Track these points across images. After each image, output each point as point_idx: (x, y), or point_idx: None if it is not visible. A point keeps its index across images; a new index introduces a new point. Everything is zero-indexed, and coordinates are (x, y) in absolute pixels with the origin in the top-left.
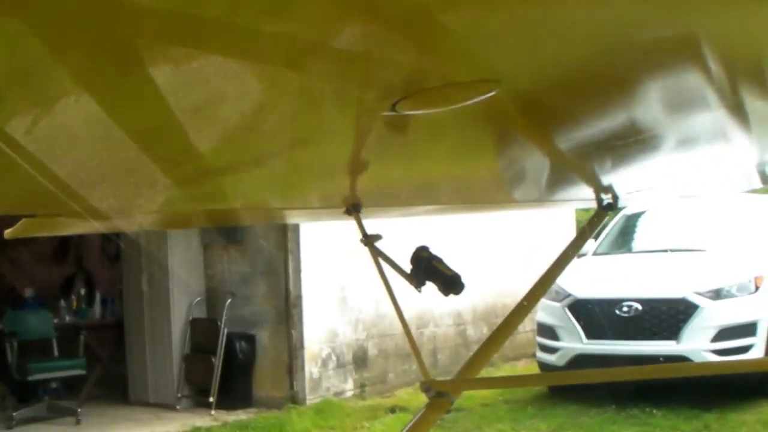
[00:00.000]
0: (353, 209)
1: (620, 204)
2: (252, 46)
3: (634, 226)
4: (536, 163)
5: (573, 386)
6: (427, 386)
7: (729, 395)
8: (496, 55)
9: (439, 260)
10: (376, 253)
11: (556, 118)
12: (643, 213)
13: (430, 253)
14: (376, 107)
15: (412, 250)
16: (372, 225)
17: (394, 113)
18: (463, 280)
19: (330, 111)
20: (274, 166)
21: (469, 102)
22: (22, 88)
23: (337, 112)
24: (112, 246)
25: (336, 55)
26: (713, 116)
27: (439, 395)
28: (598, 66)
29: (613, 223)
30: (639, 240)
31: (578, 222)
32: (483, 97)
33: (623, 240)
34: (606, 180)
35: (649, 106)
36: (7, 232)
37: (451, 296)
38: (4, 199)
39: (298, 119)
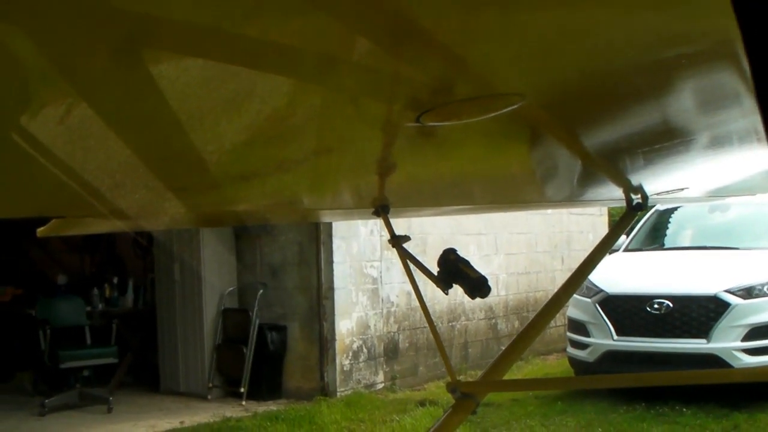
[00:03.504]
0: (382, 210)
1: (650, 204)
2: (283, 54)
3: (667, 222)
4: (565, 164)
5: None
6: (452, 387)
7: (759, 395)
8: (520, 68)
9: (466, 263)
10: (404, 254)
11: (584, 124)
12: (675, 209)
13: (457, 255)
14: (401, 119)
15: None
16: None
17: (418, 124)
18: (490, 282)
19: (358, 121)
20: (307, 169)
21: (493, 115)
22: (50, 93)
23: (365, 122)
24: (144, 235)
25: (363, 67)
26: (746, 120)
27: (465, 396)
28: (626, 75)
29: (646, 219)
30: (671, 237)
31: (612, 218)
32: (506, 110)
33: (655, 236)
34: (636, 180)
35: (680, 111)
36: (39, 231)
37: None
38: (35, 202)
39: (328, 126)
